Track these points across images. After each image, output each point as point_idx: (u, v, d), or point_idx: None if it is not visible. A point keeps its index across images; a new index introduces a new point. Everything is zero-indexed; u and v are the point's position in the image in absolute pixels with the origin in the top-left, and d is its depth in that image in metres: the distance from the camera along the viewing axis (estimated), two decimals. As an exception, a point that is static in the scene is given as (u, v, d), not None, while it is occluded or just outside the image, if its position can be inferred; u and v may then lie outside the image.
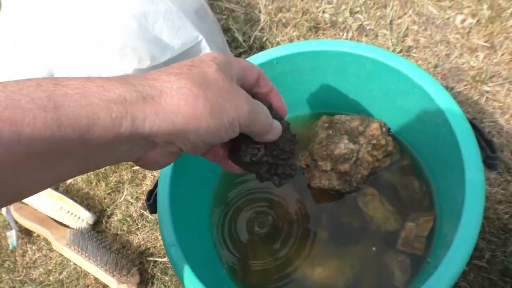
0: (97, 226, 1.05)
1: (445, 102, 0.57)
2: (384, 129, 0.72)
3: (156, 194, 0.62)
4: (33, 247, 1.07)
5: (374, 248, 0.69)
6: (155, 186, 0.65)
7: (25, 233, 1.08)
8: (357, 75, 0.68)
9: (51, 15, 0.90)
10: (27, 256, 1.06)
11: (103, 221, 1.06)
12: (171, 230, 0.56)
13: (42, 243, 1.06)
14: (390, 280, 0.67)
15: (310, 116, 0.78)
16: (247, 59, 0.71)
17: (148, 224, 1.03)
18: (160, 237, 1.02)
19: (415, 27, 1.13)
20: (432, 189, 0.70)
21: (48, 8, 0.91)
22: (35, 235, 1.08)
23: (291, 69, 0.71)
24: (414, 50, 1.10)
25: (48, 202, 1.07)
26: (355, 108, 0.76)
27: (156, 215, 0.72)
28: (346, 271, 0.69)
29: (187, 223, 0.61)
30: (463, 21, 1.11)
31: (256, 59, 0.69)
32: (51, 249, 1.04)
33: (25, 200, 1.09)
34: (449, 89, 1.02)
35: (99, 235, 1.02)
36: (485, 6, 1.11)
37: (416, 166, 0.73)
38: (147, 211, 1.03)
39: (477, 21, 1.10)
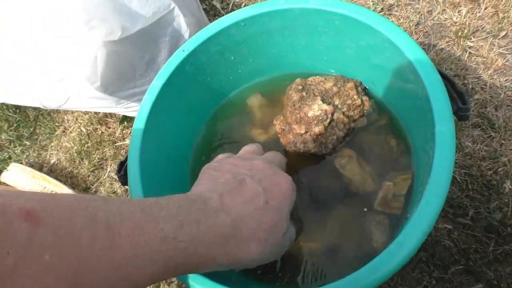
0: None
1: (415, 55, 0.55)
2: (359, 88, 0.71)
3: (126, 166, 0.61)
4: (20, 228, 1.06)
5: (352, 210, 0.68)
6: (126, 158, 0.63)
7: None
8: (327, 33, 0.66)
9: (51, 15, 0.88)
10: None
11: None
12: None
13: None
14: (369, 241, 0.66)
15: (284, 78, 0.76)
16: (212, 22, 0.68)
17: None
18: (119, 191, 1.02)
19: (397, -16, 1.10)
20: (409, 147, 0.68)
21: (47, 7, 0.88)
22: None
23: (260, 31, 0.68)
24: (396, 8, 1.07)
25: (31, 182, 1.06)
26: (330, 68, 0.74)
27: (121, 184, 0.71)
28: (325, 235, 0.68)
29: (157, 192, 0.60)
30: (445, -25, 1.08)
31: (224, 21, 0.67)
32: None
33: (9, 182, 1.08)
34: (431, 46, 1.00)
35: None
36: (467, -41, 1.07)
37: (393, 124, 0.71)
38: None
39: (460, -26, 1.07)
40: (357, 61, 0.71)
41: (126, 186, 0.75)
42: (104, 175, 1.08)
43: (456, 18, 1.01)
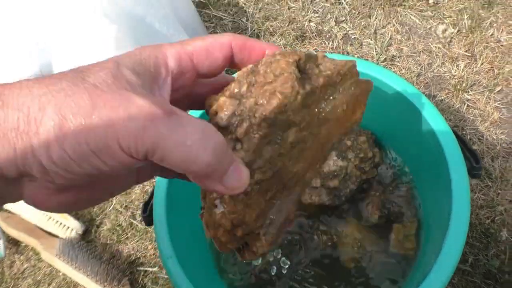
0: (86, 236, 1.05)
1: (430, 114, 0.60)
2: (371, 140, 0.75)
3: (152, 206, 0.63)
4: (21, 257, 1.06)
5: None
6: (151, 197, 0.65)
7: (13, 243, 1.07)
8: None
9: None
10: (15, 266, 1.05)
11: (92, 231, 1.05)
12: (168, 242, 0.57)
13: (30, 253, 1.06)
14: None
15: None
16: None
17: (137, 233, 1.04)
18: (150, 247, 1.03)
19: (399, 37, 1.16)
20: (416, 196, 0.72)
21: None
22: (23, 245, 1.07)
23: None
24: (398, 59, 1.13)
25: (36, 211, 1.06)
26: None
27: (145, 224, 0.73)
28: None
29: (184, 234, 0.62)
30: (444, 30, 1.15)
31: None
32: (39, 259, 1.04)
33: (13, 210, 1.08)
34: (431, 97, 1.06)
35: (89, 245, 1.02)
36: (465, 16, 1.15)
37: (401, 175, 0.75)
38: (137, 220, 1.04)
39: (458, 30, 1.14)
40: (369, 112, 0.75)
41: (144, 223, 0.76)
42: (109, 207, 1.09)
43: (455, 72, 1.08)
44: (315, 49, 1.19)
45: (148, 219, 0.63)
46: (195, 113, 0.69)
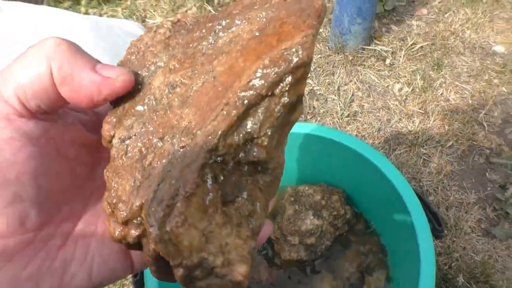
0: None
1: (397, 179, 0.67)
2: (343, 198, 0.82)
3: (142, 271, 0.66)
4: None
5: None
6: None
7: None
8: (319, 151, 0.77)
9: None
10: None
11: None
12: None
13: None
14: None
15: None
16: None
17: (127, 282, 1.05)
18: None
19: (360, 93, 1.27)
20: (384, 249, 0.79)
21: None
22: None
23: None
24: (360, 114, 1.23)
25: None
26: (317, 178, 0.85)
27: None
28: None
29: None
30: (400, 89, 1.27)
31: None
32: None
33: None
34: (391, 150, 1.16)
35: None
36: (418, 77, 1.28)
37: (368, 229, 0.83)
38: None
39: (412, 89, 1.26)
40: (341, 174, 0.83)
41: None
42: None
43: (411, 128, 1.19)
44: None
45: (139, 283, 0.66)
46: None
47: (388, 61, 1.33)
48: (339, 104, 1.25)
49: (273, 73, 0.20)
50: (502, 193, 1.07)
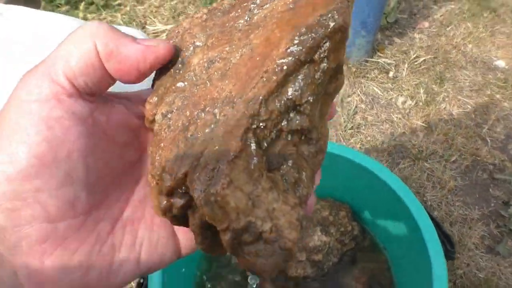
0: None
1: (410, 200, 0.67)
2: (349, 214, 0.81)
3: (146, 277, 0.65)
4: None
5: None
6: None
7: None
8: (328, 167, 0.76)
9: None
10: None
11: None
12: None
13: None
14: None
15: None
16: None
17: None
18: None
19: (363, 106, 1.27)
20: (391, 268, 0.79)
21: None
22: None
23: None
24: (363, 127, 1.23)
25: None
26: (323, 192, 0.84)
27: None
28: None
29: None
30: (404, 102, 1.26)
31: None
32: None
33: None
34: (395, 164, 1.15)
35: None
36: (421, 90, 1.28)
37: (376, 245, 0.82)
38: None
39: (416, 103, 1.26)
40: (348, 188, 0.82)
41: None
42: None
43: (414, 141, 1.19)
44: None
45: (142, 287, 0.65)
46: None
47: (391, 74, 1.32)
48: (343, 116, 1.24)
49: (310, 38, 0.20)
50: (506, 209, 1.07)
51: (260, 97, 0.20)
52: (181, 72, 0.23)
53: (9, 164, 0.19)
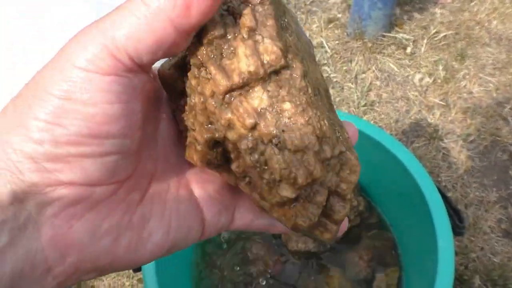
0: (60, 272, 1.02)
1: (415, 169, 0.63)
2: (356, 189, 0.77)
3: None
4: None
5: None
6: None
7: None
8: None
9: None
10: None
11: (67, 267, 1.03)
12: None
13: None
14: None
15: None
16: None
17: (114, 270, 1.01)
18: (127, 283, 1.01)
19: (378, 83, 1.21)
20: (396, 244, 0.75)
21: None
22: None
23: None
24: (377, 104, 1.18)
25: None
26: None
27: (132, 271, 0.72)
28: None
29: (174, 281, 0.62)
30: (421, 79, 1.21)
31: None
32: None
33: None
34: (409, 143, 1.10)
35: (63, 282, 0.99)
36: (440, 67, 1.22)
37: (382, 223, 0.78)
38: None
39: (434, 80, 1.20)
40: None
41: (136, 273, 0.75)
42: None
43: (431, 120, 1.13)
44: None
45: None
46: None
47: (409, 50, 1.26)
48: (356, 93, 1.19)
49: None
50: (526, 192, 1.01)
51: None
52: None
53: (57, 126, 0.18)
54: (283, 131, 0.18)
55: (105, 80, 0.18)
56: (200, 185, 0.24)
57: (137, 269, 0.62)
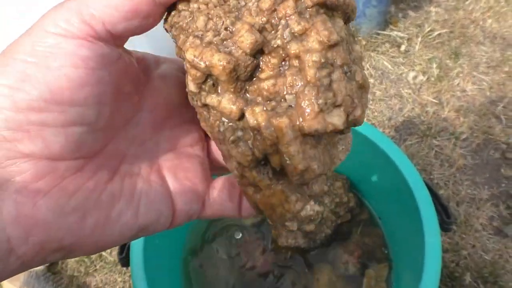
0: (52, 267, 1.02)
1: (407, 168, 0.63)
2: (346, 185, 0.77)
3: (128, 248, 0.63)
4: (-20, 289, 1.01)
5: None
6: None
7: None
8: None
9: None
10: (-27, 298, 1.01)
11: (59, 262, 1.02)
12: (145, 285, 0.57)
13: (-9, 284, 1.01)
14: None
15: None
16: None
17: (106, 266, 1.01)
18: (119, 279, 1.01)
19: (372, 80, 1.21)
20: (386, 241, 0.75)
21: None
22: (-17, 275, 1.03)
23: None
24: (371, 102, 1.18)
25: None
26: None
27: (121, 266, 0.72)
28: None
29: (162, 277, 0.62)
30: (415, 77, 1.21)
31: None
32: (0, 291, 1.00)
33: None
34: (402, 140, 1.10)
35: (55, 277, 0.99)
36: (434, 65, 1.22)
37: (372, 219, 0.78)
38: (107, 252, 1.02)
39: (427, 78, 1.20)
40: (347, 158, 0.78)
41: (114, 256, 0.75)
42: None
43: (424, 118, 1.13)
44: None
45: (125, 260, 0.63)
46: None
47: (403, 48, 1.27)
48: (350, 90, 1.19)
49: None
50: (517, 190, 1.02)
51: None
52: None
53: (18, 91, 0.17)
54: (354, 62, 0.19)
55: (73, 43, 0.18)
56: (173, 172, 0.23)
57: (126, 264, 0.62)
